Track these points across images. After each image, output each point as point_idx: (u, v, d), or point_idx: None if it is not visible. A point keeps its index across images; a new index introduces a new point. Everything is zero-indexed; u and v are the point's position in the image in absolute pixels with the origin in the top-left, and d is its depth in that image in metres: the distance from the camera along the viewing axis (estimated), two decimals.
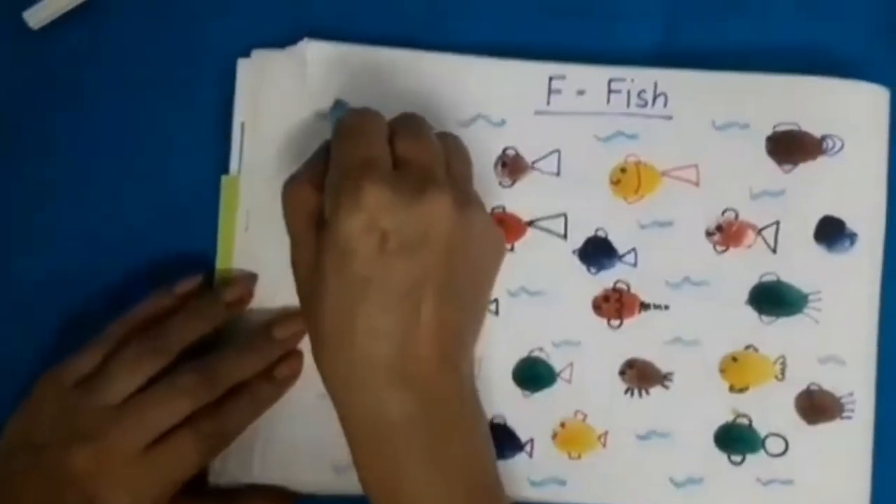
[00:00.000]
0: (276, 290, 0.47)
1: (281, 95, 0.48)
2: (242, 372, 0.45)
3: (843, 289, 0.47)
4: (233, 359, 0.45)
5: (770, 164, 0.47)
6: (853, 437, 0.47)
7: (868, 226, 0.47)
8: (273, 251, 0.47)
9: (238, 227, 0.48)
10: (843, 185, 0.47)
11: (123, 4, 0.50)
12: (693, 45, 0.49)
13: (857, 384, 0.47)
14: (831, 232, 0.47)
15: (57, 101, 0.49)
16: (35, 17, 0.49)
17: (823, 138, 0.47)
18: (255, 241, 0.48)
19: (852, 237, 0.47)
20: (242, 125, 0.48)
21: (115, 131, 0.49)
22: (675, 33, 0.49)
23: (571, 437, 0.47)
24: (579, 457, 0.47)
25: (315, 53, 0.48)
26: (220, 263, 0.48)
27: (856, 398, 0.47)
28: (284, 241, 0.46)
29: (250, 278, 0.47)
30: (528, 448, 0.47)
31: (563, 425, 0.47)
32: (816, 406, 0.47)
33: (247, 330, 0.47)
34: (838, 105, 0.47)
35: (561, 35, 0.49)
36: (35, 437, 0.43)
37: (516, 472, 0.47)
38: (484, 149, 0.48)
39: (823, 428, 0.47)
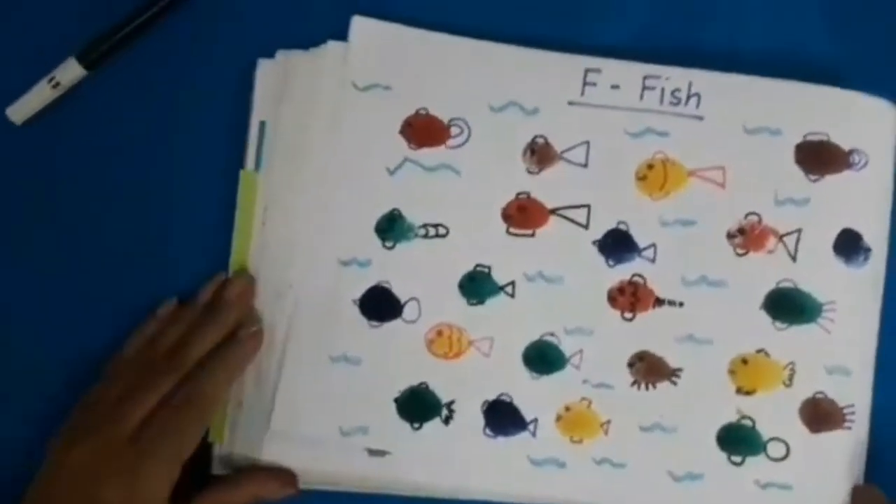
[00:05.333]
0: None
1: (303, 95, 0.49)
2: (210, 339, 0.47)
3: (854, 302, 0.47)
4: (196, 330, 0.47)
5: (797, 171, 0.48)
6: (851, 447, 0.47)
7: (879, 242, 0.48)
8: (289, 246, 0.48)
9: (255, 221, 0.49)
10: (864, 200, 0.48)
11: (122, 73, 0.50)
12: (721, 48, 0.50)
13: (858, 395, 0.47)
14: (849, 245, 0.47)
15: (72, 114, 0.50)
16: (18, 114, 0.50)
17: (851, 152, 0.47)
18: (272, 236, 0.49)
19: (867, 252, 0.47)
20: (263, 123, 0.49)
21: (132, 135, 0.50)
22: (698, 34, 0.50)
23: (575, 421, 0.48)
24: (581, 441, 0.48)
25: (360, 30, 0.49)
26: (235, 257, 0.49)
27: (856, 409, 0.47)
28: (300, 237, 0.48)
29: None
30: (531, 427, 0.48)
31: (567, 409, 0.48)
32: (821, 415, 0.47)
33: None
34: (868, 121, 0.48)
35: (587, 32, 0.50)
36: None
37: (518, 449, 0.48)
38: (514, 135, 0.48)
39: (825, 437, 0.47)
